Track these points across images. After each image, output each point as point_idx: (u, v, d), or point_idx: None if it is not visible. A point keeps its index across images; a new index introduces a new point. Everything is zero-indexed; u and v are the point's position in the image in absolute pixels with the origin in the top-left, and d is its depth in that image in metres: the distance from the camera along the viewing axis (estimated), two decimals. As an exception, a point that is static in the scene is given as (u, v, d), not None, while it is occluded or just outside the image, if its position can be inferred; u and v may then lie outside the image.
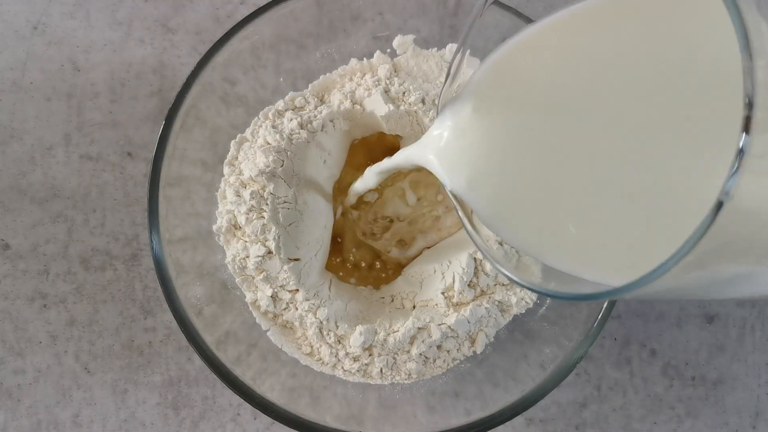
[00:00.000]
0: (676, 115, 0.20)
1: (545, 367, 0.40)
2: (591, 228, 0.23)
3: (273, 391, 0.40)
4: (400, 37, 0.46)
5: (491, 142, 0.26)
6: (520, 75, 0.26)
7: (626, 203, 0.21)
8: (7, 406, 0.46)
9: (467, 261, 0.42)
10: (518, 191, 0.26)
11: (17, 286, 0.46)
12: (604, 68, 0.23)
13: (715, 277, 0.18)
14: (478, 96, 0.27)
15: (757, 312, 0.48)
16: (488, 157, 0.27)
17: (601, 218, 0.22)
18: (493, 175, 0.27)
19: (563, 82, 0.24)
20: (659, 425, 0.47)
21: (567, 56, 0.24)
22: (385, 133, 0.45)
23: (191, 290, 0.41)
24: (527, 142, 0.25)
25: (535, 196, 0.25)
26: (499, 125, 0.26)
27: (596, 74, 0.23)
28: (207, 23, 0.49)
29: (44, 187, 0.47)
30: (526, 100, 0.25)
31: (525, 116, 0.25)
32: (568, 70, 0.24)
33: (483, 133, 0.27)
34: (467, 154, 0.28)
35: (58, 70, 0.48)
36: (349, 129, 0.45)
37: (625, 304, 0.48)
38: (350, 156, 0.46)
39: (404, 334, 0.42)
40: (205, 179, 0.43)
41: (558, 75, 0.25)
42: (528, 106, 0.25)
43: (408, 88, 0.44)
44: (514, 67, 0.26)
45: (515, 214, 0.27)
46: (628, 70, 0.22)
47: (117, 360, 0.46)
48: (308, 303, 0.42)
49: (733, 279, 0.19)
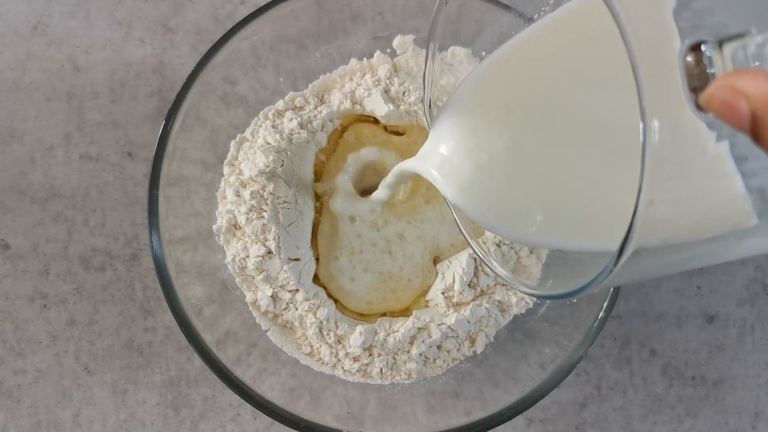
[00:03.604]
0: (609, 127, 0.25)
1: (545, 367, 0.40)
2: (571, 208, 0.27)
3: (273, 391, 0.40)
4: (400, 37, 0.46)
5: (478, 151, 0.30)
6: (496, 90, 0.30)
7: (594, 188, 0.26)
8: (7, 406, 0.46)
9: (467, 261, 0.43)
10: (508, 190, 0.29)
11: (17, 286, 0.46)
12: (563, 84, 0.27)
13: (666, 262, 0.23)
14: (465, 109, 0.31)
15: (757, 312, 0.48)
16: (477, 165, 0.30)
17: (577, 201, 0.27)
18: (483, 181, 0.30)
19: (531, 94, 0.29)
20: (659, 425, 0.47)
21: (532, 73, 0.29)
22: (382, 124, 0.45)
23: (191, 290, 0.41)
24: (508, 148, 0.29)
25: (522, 192, 0.29)
26: (484, 135, 0.30)
27: (555, 89, 0.28)
28: (207, 23, 0.49)
29: (44, 187, 0.47)
30: (503, 112, 0.29)
31: (503, 126, 0.29)
32: (533, 85, 0.29)
33: (469, 143, 0.30)
34: (459, 164, 0.30)
35: (58, 70, 0.48)
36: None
37: (625, 303, 0.48)
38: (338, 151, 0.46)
39: (404, 334, 0.42)
40: (205, 179, 0.43)
41: (525, 89, 0.29)
42: (505, 118, 0.29)
43: (408, 88, 0.44)
44: (491, 83, 0.30)
45: (509, 211, 0.30)
46: (582, 86, 0.26)
47: (117, 360, 0.46)
48: (308, 303, 0.42)
49: (686, 259, 0.24)
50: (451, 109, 0.32)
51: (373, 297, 0.44)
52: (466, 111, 0.31)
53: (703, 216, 0.21)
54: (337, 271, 0.44)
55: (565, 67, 0.28)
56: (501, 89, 0.30)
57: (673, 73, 0.19)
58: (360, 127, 0.46)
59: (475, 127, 0.30)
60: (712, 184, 0.20)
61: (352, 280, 0.44)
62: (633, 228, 0.19)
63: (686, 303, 0.48)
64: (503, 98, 0.30)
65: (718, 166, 0.20)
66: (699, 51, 0.19)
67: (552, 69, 0.28)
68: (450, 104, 0.32)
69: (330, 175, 0.45)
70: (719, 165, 0.20)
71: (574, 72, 0.27)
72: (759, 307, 0.48)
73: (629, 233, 0.20)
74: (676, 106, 0.19)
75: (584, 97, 0.27)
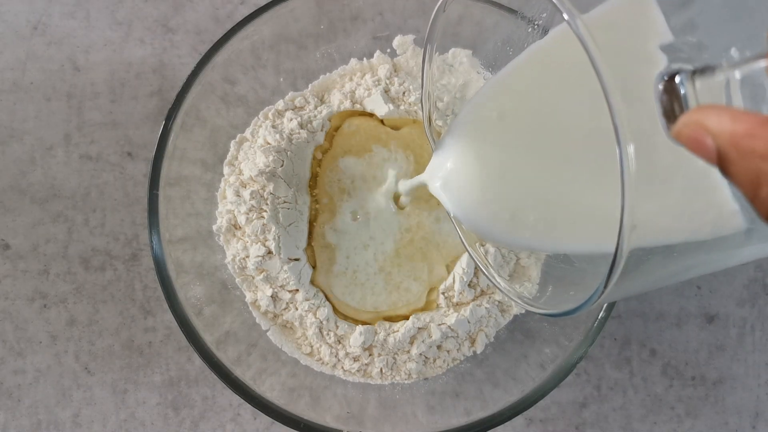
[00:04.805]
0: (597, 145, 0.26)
1: (545, 367, 0.40)
2: (566, 215, 0.29)
3: (273, 391, 0.40)
4: (400, 37, 0.46)
5: (480, 170, 0.32)
6: (494, 115, 0.32)
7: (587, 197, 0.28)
8: (7, 406, 0.46)
9: (467, 261, 0.43)
10: (507, 205, 0.31)
11: (17, 286, 0.46)
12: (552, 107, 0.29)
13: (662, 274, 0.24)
14: (466, 133, 0.33)
15: (757, 312, 0.48)
16: (479, 182, 0.32)
17: (571, 209, 0.29)
18: (486, 198, 0.32)
19: (524, 117, 0.31)
20: (659, 425, 0.47)
21: (524, 100, 0.31)
22: (382, 121, 0.45)
23: (191, 290, 0.41)
24: (506, 167, 0.31)
25: (521, 204, 0.31)
26: (485, 156, 0.32)
27: (546, 112, 0.30)
28: (207, 23, 0.49)
29: (44, 187, 0.47)
30: (501, 134, 0.32)
31: (503, 146, 0.32)
32: (526, 109, 0.31)
33: (471, 163, 0.32)
34: (461, 182, 0.33)
35: (58, 70, 0.48)
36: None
37: (625, 303, 0.48)
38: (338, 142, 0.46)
39: (404, 334, 0.42)
40: (205, 179, 0.43)
41: (519, 113, 0.31)
42: (503, 139, 0.32)
43: (408, 88, 0.44)
44: (490, 107, 0.32)
45: (509, 223, 0.31)
46: (568, 110, 0.28)
47: (117, 360, 0.46)
48: (308, 303, 0.42)
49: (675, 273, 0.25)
50: (455, 132, 0.34)
51: (376, 308, 0.44)
52: (467, 135, 0.33)
53: (690, 223, 0.22)
54: (337, 288, 0.43)
55: (552, 92, 0.30)
56: (497, 114, 0.32)
57: (649, 100, 0.20)
58: (357, 119, 0.45)
59: (476, 149, 0.32)
60: (697, 195, 0.21)
61: (352, 296, 0.43)
62: (619, 256, 0.20)
63: (686, 303, 0.48)
64: (500, 122, 0.32)
65: (704, 177, 0.21)
66: (673, 81, 0.20)
67: (542, 95, 0.30)
68: (454, 128, 0.34)
69: (327, 173, 0.45)
70: (705, 176, 0.21)
71: (561, 97, 0.29)
72: (759, 307, 0.48)
73: (615, 259, 0.20)
74: (652, 131, 0.20)
75: (573, 119, 0.28)
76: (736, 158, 0.17)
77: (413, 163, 0.45)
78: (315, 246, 0.44)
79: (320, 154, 0.45)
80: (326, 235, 0.44)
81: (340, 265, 0.43)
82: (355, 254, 0.43)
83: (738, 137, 0.17)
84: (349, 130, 0.45)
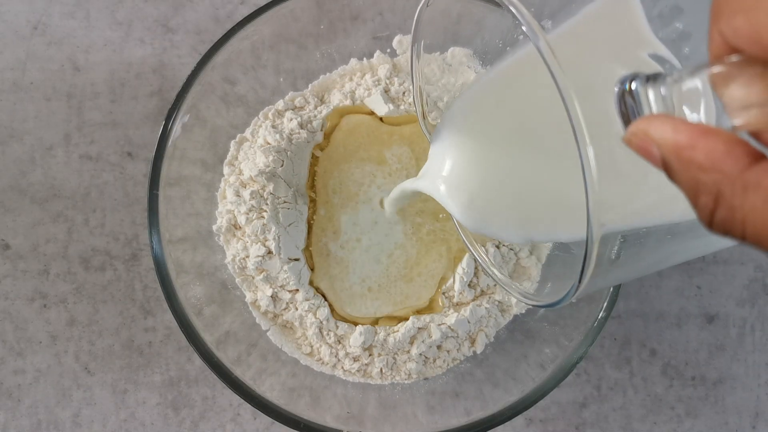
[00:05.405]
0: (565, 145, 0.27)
1: (545, 367, 0.40)
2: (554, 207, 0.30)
3: (273, 391, 0.40)
4: (400, 37, 0.46)
5: (476, 169, 0.33)
6: (479, 116, 0.33)
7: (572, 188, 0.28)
8: (7, 406, 0.46)
9: (467, 261, 0.43)
10: (501, 199, 0.32)
11: (17, 286, 0.46)
12: (532, 108, 0.30)
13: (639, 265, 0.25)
14: (459, 133, 0.33)
15: (757, 312, 0.48)
16: (477, 181, 0.32)
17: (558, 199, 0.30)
18: (482, 195, 0.32)
19: (509, 117, 0.32)
20: (659, 425, 0.47)
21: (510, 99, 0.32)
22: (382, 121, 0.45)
23: (191, 290, 0.41)
24: (497, 162, 0.32)
25: (515, 199, 0.32)
26: (477, 154, 0.33)
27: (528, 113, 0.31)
28: (207, 23, 0.49)
29: (44, 187, 0.47)
30: (489, 133, 0.33)
31: (491, 144, 0.33)
32: (512, 109, 0.32)
33: (467, 163, 0.33)
34: (456, 181, 0.33)
35: (58, 70, 0.48)
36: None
37: (625, 303, 0.48)
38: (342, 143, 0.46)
39: (404, 334, 0.42)
40: (205, 179, 0.43)
41: (505, 113, 0.32)
42: (490, 138, 0.33)
43: (408, 88, 0.44)
44: (476, 109, 0.33)
45: (507, 217, 0.32)
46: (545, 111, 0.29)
47: (117, 360, 0.46)
48: (308, 303, 0.42)
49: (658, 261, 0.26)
50: (446, 132, 0.35)
51: (377, 313, 0.44)
52: (460, 135, 0.34)
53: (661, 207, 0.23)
54: (338, 292, 0.43)
55: (532, 90, 0.31)
56: (486, 115, 0.33)
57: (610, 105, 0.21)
58: (355, 116, 0.45)
59: (471, 147, 0.33)
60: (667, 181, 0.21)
61: (352, 307, 0.43)
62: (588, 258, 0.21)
63: (686, 303, 0.48)
64: (489, 122, 0.33)
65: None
66: (630, 86, 0.20)
67: (523, 93, 0.32)
68: (445, 127, 0.35)
69: (324, 174, 0.45)
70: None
71: (539, 95, 0.30)
72: (759, 307, 0.48)
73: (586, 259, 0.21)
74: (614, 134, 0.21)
75: (547, 116, 0.29)
76: (678, 168, 0.18)
77: (414, 165, 0.45)
78: (313, 251, 0.44)
79: (319, 152, 0.45)
80: (326, 244, 0.44)
81: (339, 273, 0.43)
82: (355, 264, 0.43)
83: (679, 148, 0.18)
84: (347, 127, 0.45)
